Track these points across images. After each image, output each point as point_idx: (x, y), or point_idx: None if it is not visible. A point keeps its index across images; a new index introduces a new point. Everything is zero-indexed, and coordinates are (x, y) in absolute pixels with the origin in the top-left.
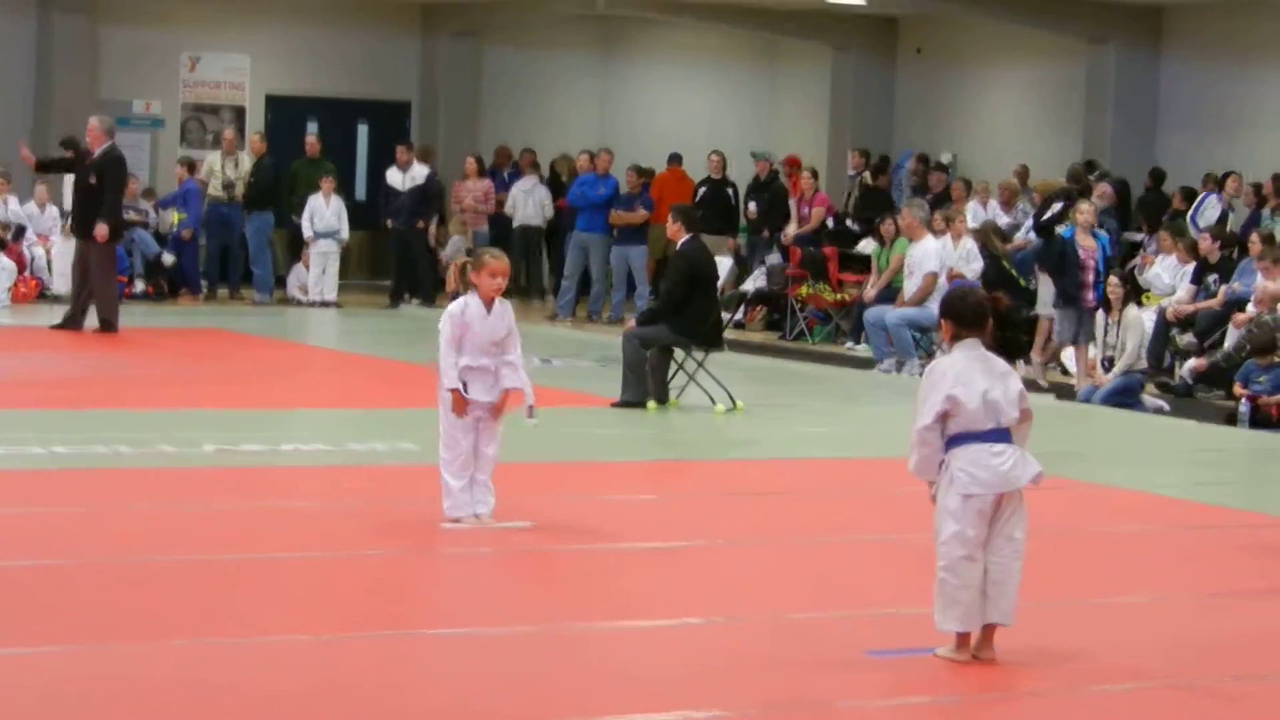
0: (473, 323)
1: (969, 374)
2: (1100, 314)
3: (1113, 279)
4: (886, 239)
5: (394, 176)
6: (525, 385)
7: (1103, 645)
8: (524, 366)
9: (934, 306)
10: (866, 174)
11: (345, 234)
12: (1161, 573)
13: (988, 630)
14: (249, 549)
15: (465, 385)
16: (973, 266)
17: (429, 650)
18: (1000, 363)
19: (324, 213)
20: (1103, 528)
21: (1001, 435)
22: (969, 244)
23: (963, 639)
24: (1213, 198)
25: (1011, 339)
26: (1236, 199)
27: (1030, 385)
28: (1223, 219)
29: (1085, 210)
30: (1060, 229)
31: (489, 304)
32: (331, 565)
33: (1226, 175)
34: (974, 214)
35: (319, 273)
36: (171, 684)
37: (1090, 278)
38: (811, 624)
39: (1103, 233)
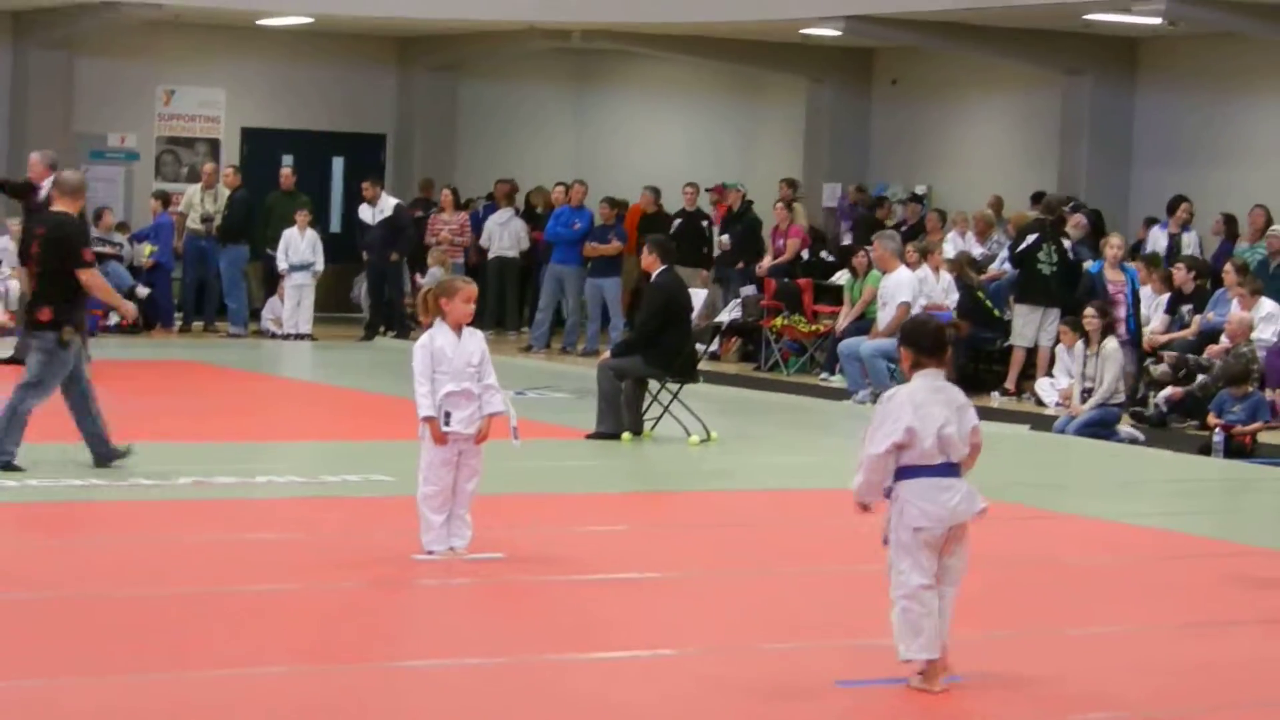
0: (445, 348)
1: (928, 406)
2: (1079, 345)
3: (1089, 310)
4: (859, 271)
5: (364, 211)
6: (508, 408)
7: (1077, 674)
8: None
9: None
10: (797, 205)
11: (320, 266)
12: (1137, 602)
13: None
14: (224, 582)
15: (449, 415)
16: (952, 298)
17: (403, 682)
18: (958, 394)
19: (299, 245)
20: (1077, 558)
21: (952, 470)
22: (948, 276)
23: (931, 666)
24: (1156, 229)
25: (983, 372)
26: (1188, 224)
27: (1003, 415)
28: (1174, 247)
29: (1115, 245)
30: (1088, 264)
31: (458, 330)
32: (306, 597)
33: (1177, 202)
34: (953, 244)
35: (294, 305)
36: (146, 717)
37: (1121, 312)
38: (783, 655)
39: (1132, 265)
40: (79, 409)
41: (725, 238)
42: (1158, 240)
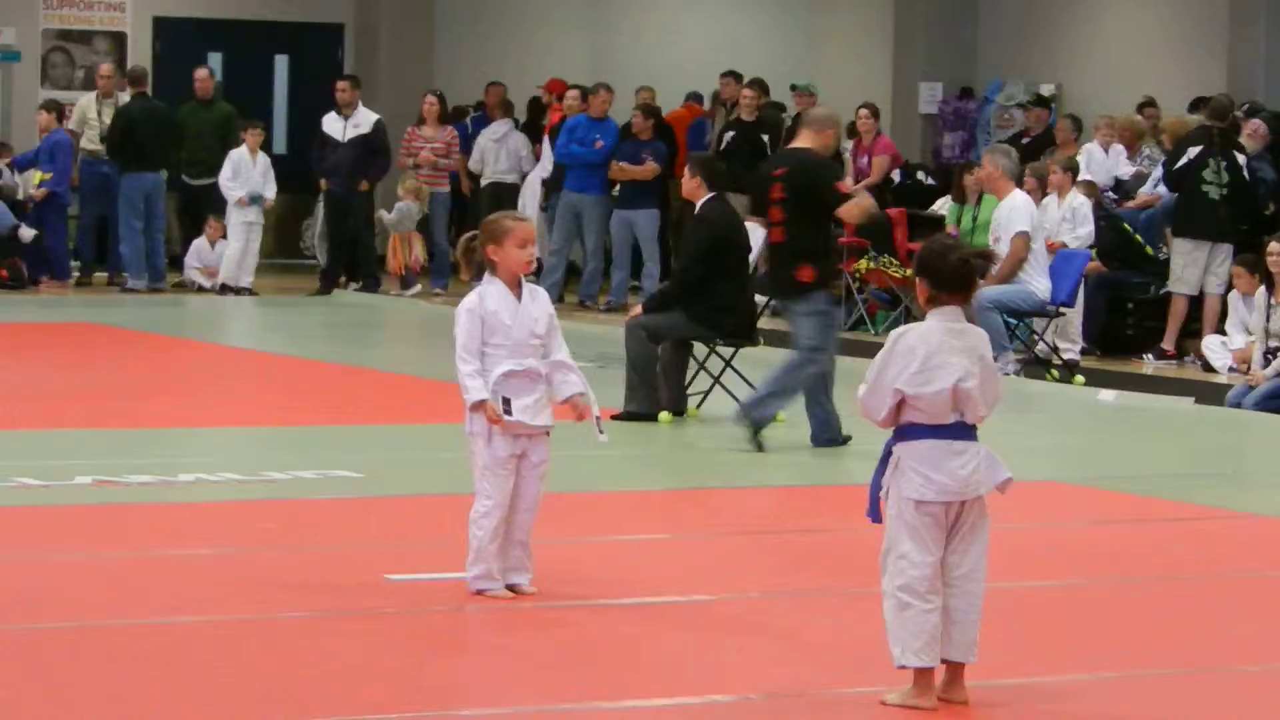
0: (499, 313)
1: (942, 354)
2: (1260, 292)
3: (1275, 245)
4: (970, 194)
5: (332, 123)
6: (588, 391)
7: None
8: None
9: (1030, 279)
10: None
11: (271, 196)
12: None
13: (954, 669)
14: (135, 612)
15: (507, 402)
16: (1079, 232)
17: None
18: (981, 338)
19: (250, 172)
20: (1261, 570)
21: (966, 432)
22: (1078, 201)
23: (924, 679)
24: None
25: (1132, 328)
26: None
27: (1161, 385)
28: None
29: None
30: None
31: (515, 288)
32: (245, 632)
33: None
34: (1088, 161)
35: (240, 249)
36: None
37: None
38: (874, 703)
39: None
40: (814, 383)
41: None
42: None
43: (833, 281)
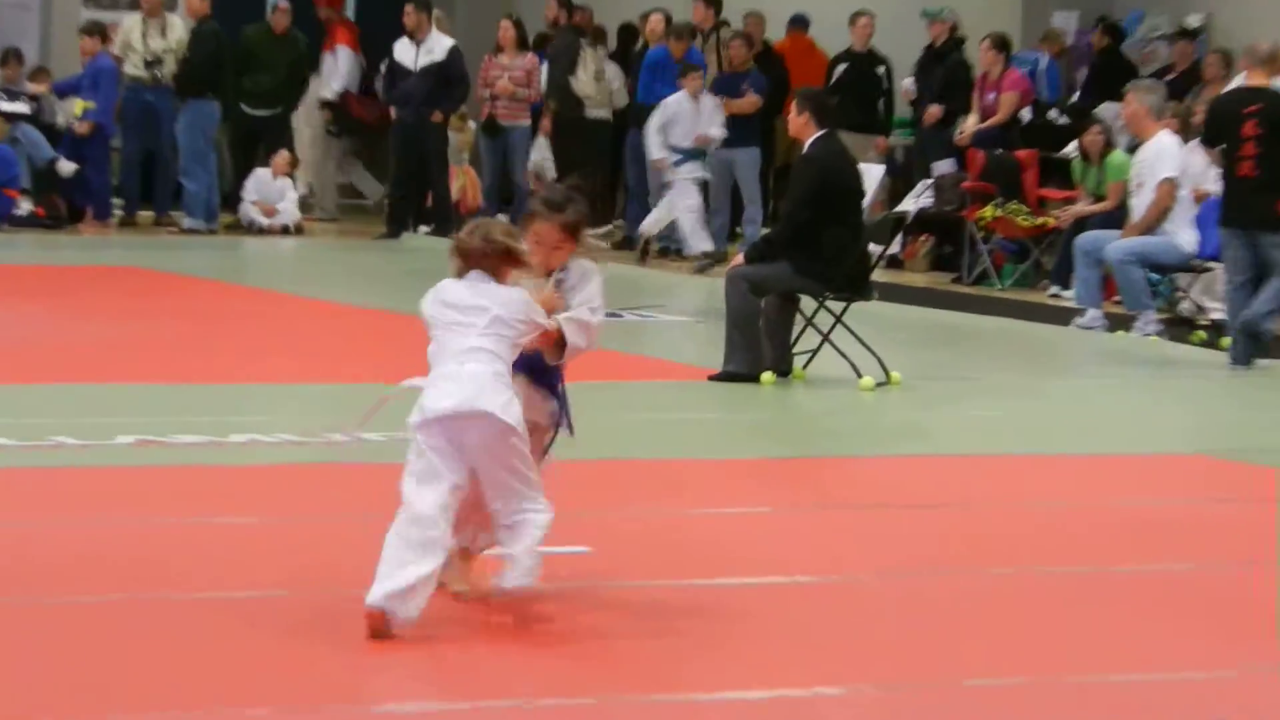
0: None
1: None
2: None
3: None
4: (1093, 154)
5: (403, 50)
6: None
7: None
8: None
9: (1174, 230)
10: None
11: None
12: None
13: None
14: (185, 585)
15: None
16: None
17: None
18: None
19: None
20: None
21: None
22: None
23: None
24: None
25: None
26: None
27: None
28: None
29: None
30: None
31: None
32: (306, 608)
33: None
34: None
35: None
36: None
37: None
38: (998, 694)
39: None
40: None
41: (908, 82)
42: None
43: None
